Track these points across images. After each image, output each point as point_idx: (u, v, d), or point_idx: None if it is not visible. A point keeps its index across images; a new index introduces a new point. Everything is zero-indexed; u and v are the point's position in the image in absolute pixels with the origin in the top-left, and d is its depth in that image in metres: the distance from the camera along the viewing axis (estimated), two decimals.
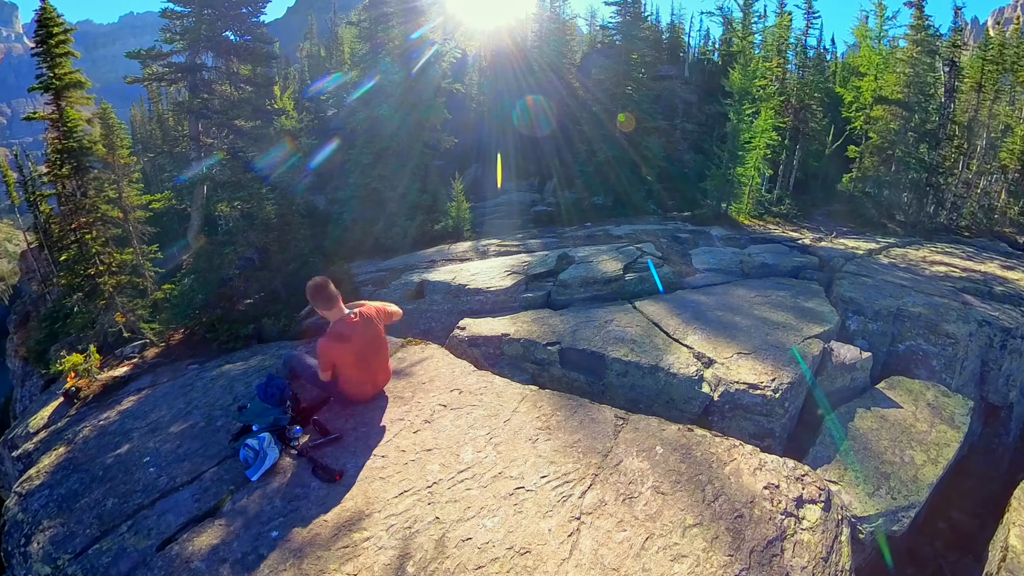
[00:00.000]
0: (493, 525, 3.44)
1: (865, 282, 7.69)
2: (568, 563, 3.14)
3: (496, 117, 25.60)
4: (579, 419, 4.38)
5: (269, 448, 4.22)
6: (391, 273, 9.42)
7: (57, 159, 10.18)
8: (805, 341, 5.63)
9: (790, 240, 10.80)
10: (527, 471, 3.84)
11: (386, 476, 3.97)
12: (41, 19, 9.95)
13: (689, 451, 3.97)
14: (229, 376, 6.36)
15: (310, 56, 43.32)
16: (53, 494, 4.95)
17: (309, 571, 3.28)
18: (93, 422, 6.28)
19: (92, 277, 10.06)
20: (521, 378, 5.42)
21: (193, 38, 10.85)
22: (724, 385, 4.92)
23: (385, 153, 13.84)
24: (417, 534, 3.45)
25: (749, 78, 13.84)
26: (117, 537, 3.98)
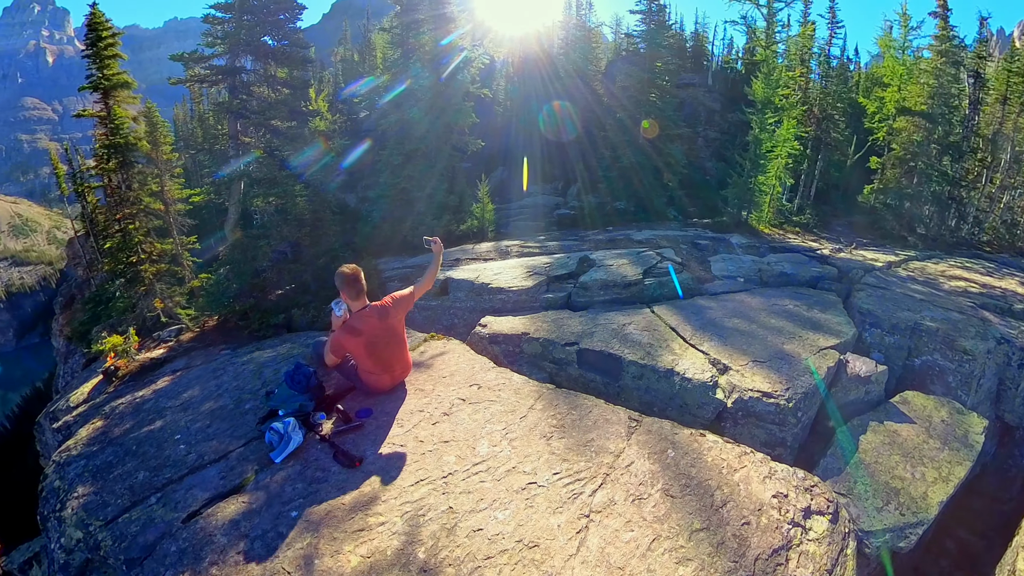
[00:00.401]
0: (504, 518, 3.44)
1: (883, 295, 7.48)
2: (575, 559, 3.13)
3: (522, 121, 25.61)
4: (593, 419, 4.36)
5: (294, 432, 4.29)
6: (417, 270, 9.49)
7: (104, 154, 10.45)
8: (821, 352, 5.50)
9: (809, 250, 10.56)
10: (540, 467, 3.84)
11: (404, 465, 4.00)
12: (91, 23, 10.28)
13: (700, 456, 3.92)
14: (259, 362, 6.47)
15: (344, 60, 43.91)
16: (89, 464, 5.08)
17: (325, 551, 3.33)
18: (129, 399, 6.44)
19: (134, 264, 10.32)
20: (539, 376, 5.40)
21: (233, 42, 11.16)
22: (738, 392, 4.84)
23: (415, 154, 13.97)
24: (430, 522, 3.47)
25: (772, 87, 13.62)
26: (146, 508, 4.09)
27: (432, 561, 3.19)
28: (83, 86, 10.50)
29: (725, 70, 30.12)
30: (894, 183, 16.14)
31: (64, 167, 27.95)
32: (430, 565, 3.17)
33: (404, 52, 15.51)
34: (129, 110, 10.87)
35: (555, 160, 23.45)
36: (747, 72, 23.42)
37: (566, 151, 22.89)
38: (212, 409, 5.46)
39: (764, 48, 14.08)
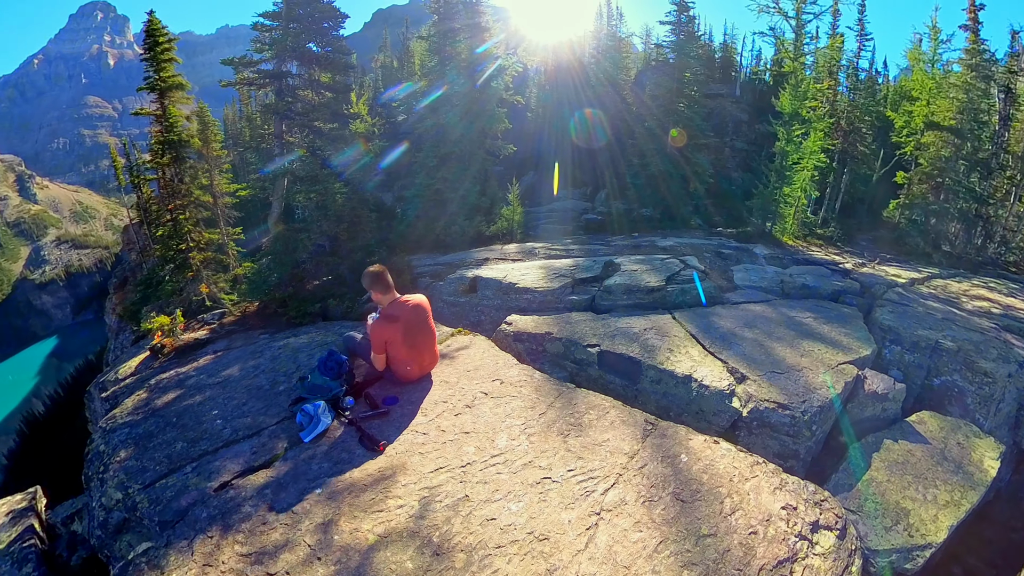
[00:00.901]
0: (517, 509, 3.45)
1: (905, 312, 7.17)
2: (583, 554, 3.11)
3: (553, 128, 25.56)
4: (610, 420, 4.32)
5: (323, 415, 4.39)
6: (447, 268, 9.55)
7: (159, 149, 10.82)
8: (839, 366, 5.31)
9: (832, 263, 10.17)
10: (555, 463, 3.82)
11: (425, 452, 4.04)
12: (149, 30, 10.68)
13: (713, 463, 3.85)
14: (294, 347, 6.61)
15: (383, 66, 44.55)
16: (132, 432, 5.26)
17: (344, 526, 3.40)
18: (172, 375, 6.64)
19: (183, 252, 10.68)
20: (560, 375, 5.38)
21: (280, 48, 11.45)
22: (754, 402, 4.72)
23: (449, 157, 14.09)
24: (446, 508, 3.50)
25: (799, 99, 13.21)
26: (182, 476, 4.22)
27: (445, 545, 3.22)
28: (141, 87, 10.91)
29: (753, 81, 29.43)
30: (920, 199, 15.44)
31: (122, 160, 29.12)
32: (443, 548, 3.20)
33: (441, 59, 15.64)
34: (182, 109, 11.24)
35: (584, 166, 23.34)
36: (775, 84, 22.80)
37: (595, 157, 22.76)
38: (248, 388, 5.59)
39: (792, 60, 13.58)
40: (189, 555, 3.40)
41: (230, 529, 3.52)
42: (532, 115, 27.45)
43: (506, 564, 3.08)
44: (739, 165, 23.14)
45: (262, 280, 9.77)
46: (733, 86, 28.73)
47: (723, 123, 24.75)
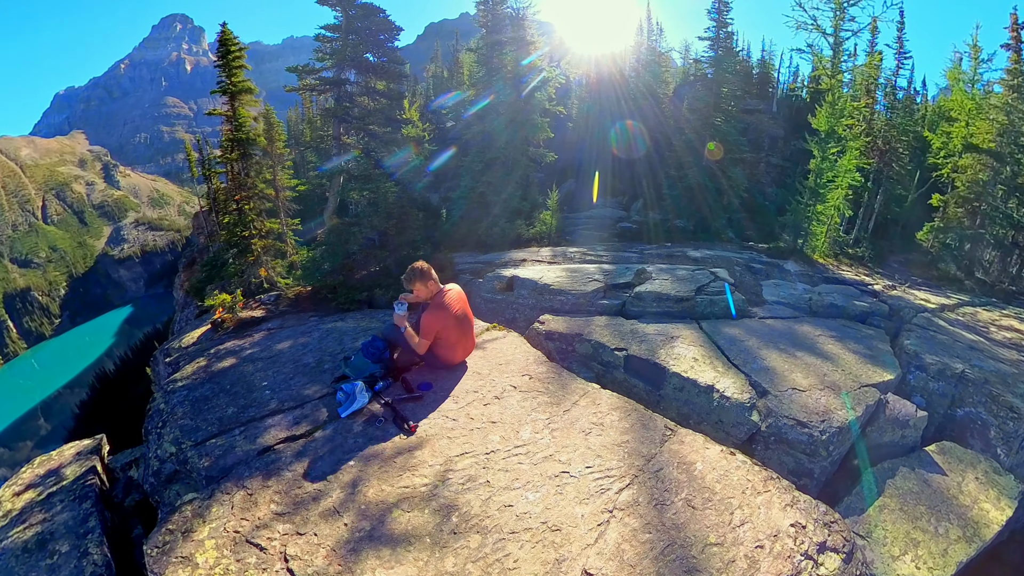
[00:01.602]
0: (534, 499, 3.44)
1: (932, 338, 6.68)
2: (591, 549, 3.09)
3: (593, 138, 25.37)
4: (631, 422, 4.25)
5: (360, 394, 4.49)
6: (487, 266, 9.58)
7: (229, 146, 11.28)
8: (861, 388, 5.02)
9: (862, 284, 9.60)
10: (575, 459, 3.79)
11: (453, 437, 4.07)
12: (222, 39, 11.11)
13: (727, 474, 3.72)
14: (341, 331, 6.77)
15: (435, 76, 45.23)
16: (189, 395, 5.52)
17: (372, 499, 3.48)
18: (229, 347, 6.92)
19: (246, 238, 11.05)
20: (586, 375, 5.31)
21: (340, 58, 11.80)
22: (773, 417, 4.53)
23: (494, 163, 14.21)
24: (468, 491, 3.52)
25: (836, 117, 12.57)
26: (230, 437, 4.41)
27: (463, 525, 3.25)
28: (214, 90, 11.36)
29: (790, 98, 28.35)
30: (955, 223, 14.39)
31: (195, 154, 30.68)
32: (460, 528, 3.23)
33: (488, 70, 15.74)
34: (250, 111, 11.67)
35: (622, 175, 23.09)
36: (812, 100, 21.86)
37: (633, 168, 22.48)
38: (296, 364, 5.78)
39: (829, 77, 12.93)
40: (229, 508, 3.57)
41: (268, 488, 3.67)
42: (573, 125, 27.28)
43: (518, 549, 3.09)
44: (774, 180, 22.38)
45: (315, 267, 10.05)
46: (770, 102, 27.80)
47: (759, 138, 23.99)
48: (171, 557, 3.30)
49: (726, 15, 19.23)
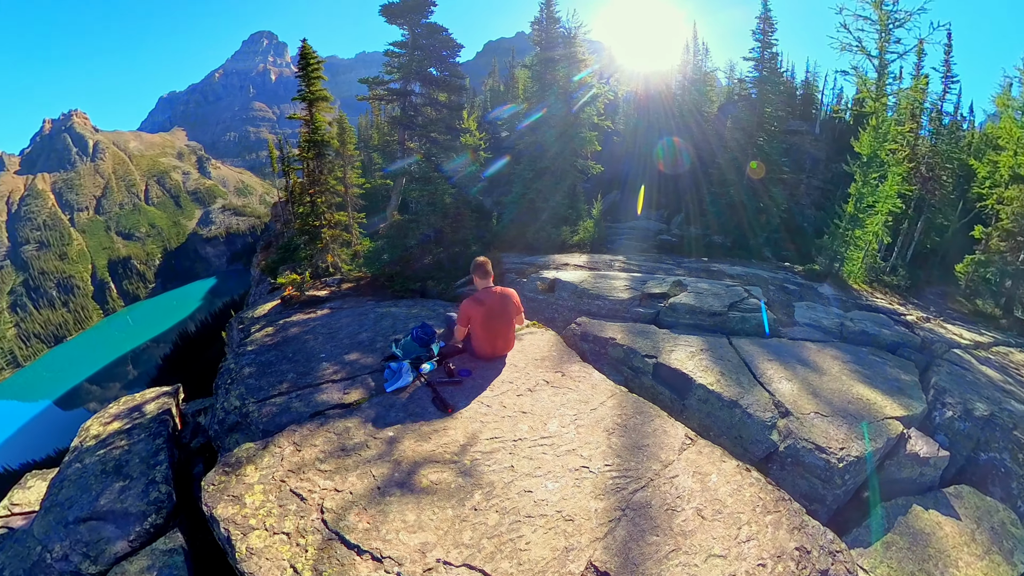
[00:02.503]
0: (553, 488, 3.43)
1: (963, 376, 6.03)
2: (600, 542, 3.05)
3: (639, 152, 24.90)
4: (653, 427, 4.15)
5: (405, 373, 4.63)
6: (532, 267, 9.55)
7: (306, 146, 11.76)
8: (885, 420, 4.63)
9: (895, 313, 8.80)
10: (595, 456, 3.75)
11: (485, 422, 4.11)
12: (302, 53, 11.58)
13: (740, 489, 3.55)
14: (394, 315, 6.97)
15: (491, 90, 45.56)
16: (256, 359, 5.83)
17: (405, 468, 3.59)
18: (295, 320, 7.25)
19: (316, 227, 11.52)
20: (615, 378, 5.22)
21: (406, 71, 12.15)
22: (793, 439, 4.25)
23: (544, 172, 14.22)
24: (492, 472, 3.55)
25: (879, 141, 11.56)
26: (287, 399, 4.65)
27: (484, 504, 3.28)
28: (295, 97, 11.81)
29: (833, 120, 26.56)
30: (997, 257, 12.92)
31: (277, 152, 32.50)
32: (481, 506, 3.27)
33: (541, 85, 15.73)
34: (326, 117, 12.13)
35: (664, 190, 22.56)
36: (855, 123, 20.42)
37: (675, 183, 21.93)
38: (352, 340, 5.99)
39: (873, 100, 11.74)
40: (279, 459, 3.79)
41: (314, 447, 3.86)
42: (619, 139, 26.83)
43: (531, 532, 3.09)
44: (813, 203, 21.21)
45: (376, 257, 10.40)
46: (813, 123, 26.33)
47: (801, 159, 22.77)
48: (224, 495, 3.52)
49: (771, 36, 18.50)
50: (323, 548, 3.08)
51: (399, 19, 11.98)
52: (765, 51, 18.48)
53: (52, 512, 4.78)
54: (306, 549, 3.10)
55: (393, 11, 11.84)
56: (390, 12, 11.87)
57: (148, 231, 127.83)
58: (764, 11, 18.44)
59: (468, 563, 2.93)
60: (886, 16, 11.15)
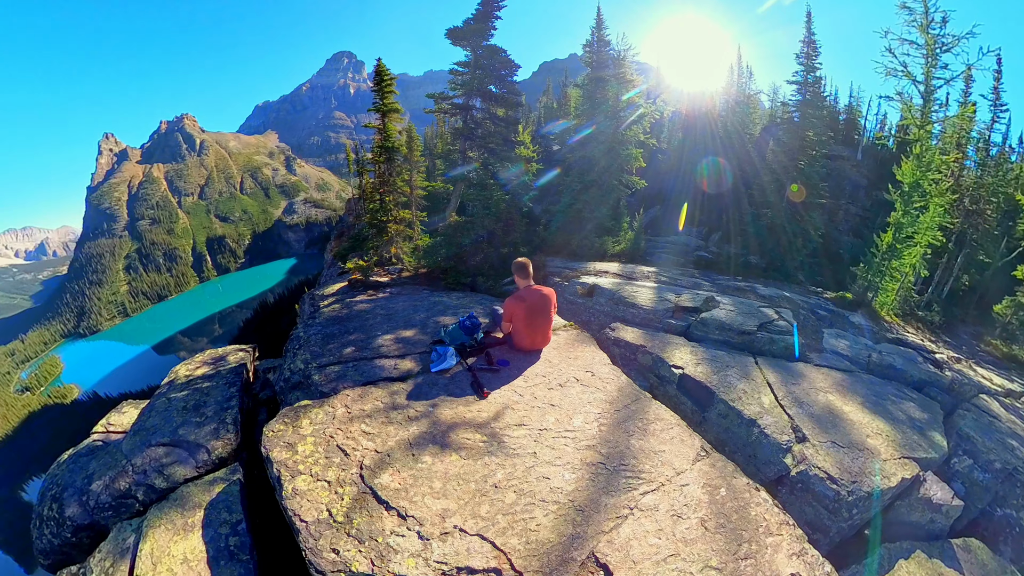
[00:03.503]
0: (569, 479, 3.41)
1: (990, 425, 5.45)
2: (604, 536, 3.00)
3: (681, 170, 24.10)
4: (672, 435, 3.99)
5: (449, 357, 4.72)
6: (574, 273, 9.47)
7: (378, 151, 12.04)
8: (902, 459, 4.20)
9: (925, 350, 7.91)
10: (613, 454, 3.68)
11: (516, 409, 4.12)
12: (377, 71, 11.81)
13: (746, 507, 3.36)
14: (445, 304, 7.12)
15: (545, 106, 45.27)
16: (321, 331, 6.10)
17: (438, 441, 3.69)
18: (358, 301, 7.57)
19: (384, 222, 11.81)
20: (642, 384, 5.11)
21: (468, 88, 12.34)
22: (806, 465, 3.95)
23: (591, 185, 14.06)
24: (516, 456, 3.56)
25: (922, 170, 10.35)
26: (344, 367, 4.87)
27: (504, 483, 3.31)
28: (370, 108, 12.08)
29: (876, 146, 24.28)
30: None
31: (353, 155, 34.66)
32: (502, 485, 3.30)
33: (592, 104, 15.50)
34: (396, 126, 12.35)
35: (704, 207, 21.68)
36: (898, 150, 18.44)
37: (714, 201, 21.04)
38: (406, 323, 6.18)
39: (918, 127, 10.50)
40: (331, 418, 4.00)
41: (363, 412, 4.05)
42: (663, 156, 26.00)
43: (543, 516, 3.08)
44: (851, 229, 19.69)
45: (434, 252, 10.55)
46: (855, 149, 24.31)
47: (841, 185, 21.10)
48: (280, 441, 3.76)
49: (814, 60, 17.26)
50: (357, 499, 3.21)
51: (463, 41, 12.18)
52: (808, 75, 17.26)
53: (139, 435, 5.30)
54: (342, 497, 3.23)
55: (457, 34, 12.07)
56: (455, 35, 12.11)
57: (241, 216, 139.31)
58: (808, 35, 17.18)
59: (481, 533, 2.96)
60: (933, 40, 10.01)
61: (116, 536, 4.07)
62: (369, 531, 2.99)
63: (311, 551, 2.92)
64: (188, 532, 3.92)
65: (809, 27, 17.20)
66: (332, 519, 3.09)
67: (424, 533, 2.96)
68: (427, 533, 2.96)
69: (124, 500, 4.51)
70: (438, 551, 2.86)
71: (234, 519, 3.99)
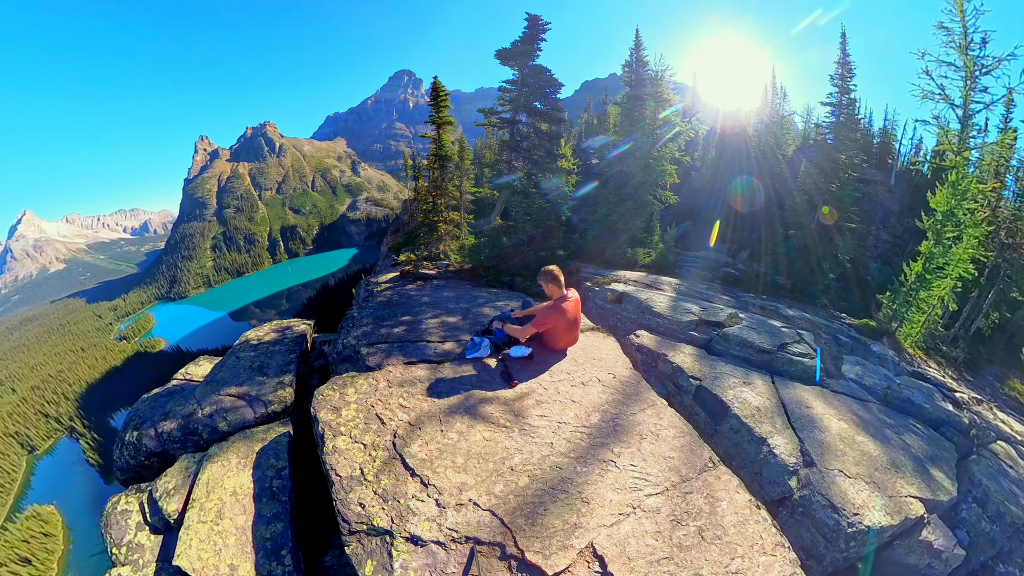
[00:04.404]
0: (581, 471, 3.36)
1: (1005, 474, 4.81)
2: (604, 529, 2.95)
3: (714, 187, 23.07)
4: (682, 444, 3.84)
5: (484, 347, 4.74)
6: (605, 280, 9.30)
7: (433, 159, 12.21)
8: (907, 498, 3.79)
9: (946, 387, 7.04)
10: (624, 454, 3.61)
11: (539, 401, 4.10)
12: (434, 87, 11.95)
13: (745, 522, 3.18)
14: (484, 298, 7.19)
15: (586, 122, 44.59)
16: (373, 312, 6.32)
17: (465, 421, 3.76)
18: (408, 290, 7.77)
19: (435, 222, 12.04)
20: (659, 391, 4.94)
21: (515, 104, 12.40)
22: (810, 490, 3.66)
23: (627, 198, 13.76)
24: (534, 444, 3.56)
25: (957, 198, 9.06)
26: (389, 346, 5.04)
27: (520, 467, 3.33)
28: (427, 120, 12.25)
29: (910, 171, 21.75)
30: None
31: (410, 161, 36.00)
32: (517, 468, 3.32)
33: (630, 121, 15.10)
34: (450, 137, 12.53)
35: (733, 225, 20.54)
36: (933, 177, 16.65)
37: (745, 220, 19.90)
38: (448, 312, 6.28)
39: (954, 153, 9.18)
40: (374, 389, 4.15)
41: (402, 387, 4.18)
42: (697, 173, 24.95)
43: (551, 502, 3.07)
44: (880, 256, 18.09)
45: (478, 252, 10.65)
46: (888, 174, 22.15)
47: (872, 210, 19.34)
48: (327, 404, 3.95)
49: (849, 81, 15.74)
50: (387, 463, 3.33)
51: (511, 61, 12.27)
52: (843, 96, 15.77)
53: (210, 384, 5.73)
54: (375, 460, 3.36)
55: (506, 55, 12.19)
56: (504, 55, 12.23)
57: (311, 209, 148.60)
58: (842, 56, 15.66)
59: (492, 510, 2.99)
60: (972, 62, 8.84)
61: (180, 465, 4.47)
62: (394, 492, 3.10)
63: (341, 502, 3.06)
64: (240, 470, 4.22)
65: (844, 48, 15.72)
66: (363, 477, 3.22)
67: (441, 501, 3.02)
68: (444, 502, 3.02)
69: (191, 436, 4.93)
70: (452, 519, 2.92)
71: (280, 465, 4.27)
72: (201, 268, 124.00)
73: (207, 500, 3.95)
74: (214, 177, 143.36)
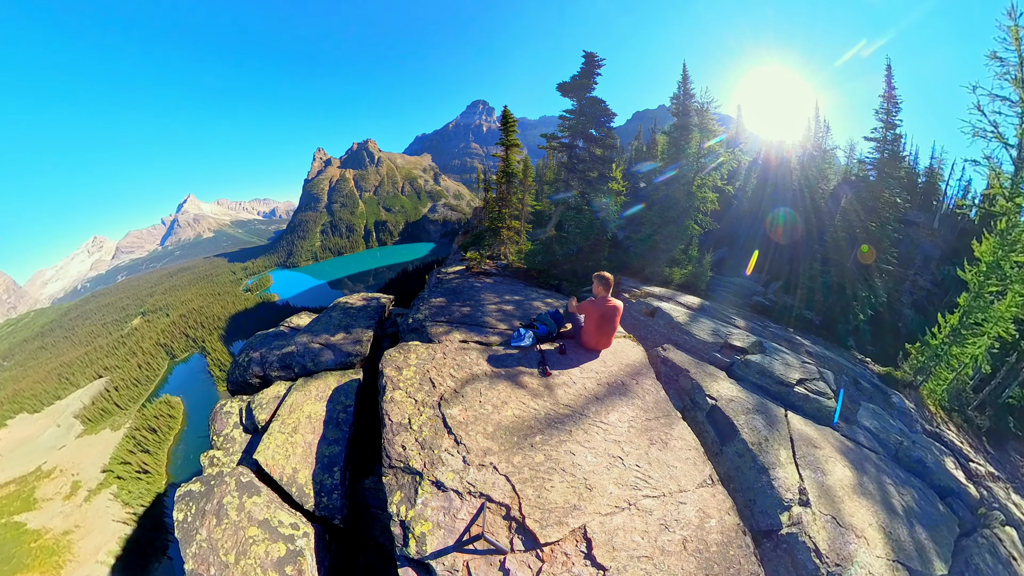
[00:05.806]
0: (590, 460, 3.31)
1: (1008, 563, 3.88)
2: (600, 517, 2.90)
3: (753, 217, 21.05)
4: (687, 456, 3.63)
5: (527, 338, 4.75)
6: (643, 294, 8.91)
7: (500, 175, 12.49)
8: (894, 563, 3.23)
9: (962, 454, 5.72)
10: (632, 453, 3.48)
11: (567, 391, 4.05)
12: (504, 115, 12.06)
13: (728, 544, 2.92)
14: (535, 296, 7.18)
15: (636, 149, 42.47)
16: (440, 296, 6.50)
17: (502, 397, 3.81)
18: (471, 281, 7.96)
19: (499, 227, 12.31)
20: (676, 403, 4.62)
21: (574, 131, 12.22)
22: (798, 529, 3.24)
23: (670, 221, 13.03)
24: (554, 429, 3.55)
25: (1005, 248, 7.04)
26: (451, 325, 5.16)
27: (539, 445, 3.34)
28: (497, 142, 12.46)
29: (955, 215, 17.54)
30: None
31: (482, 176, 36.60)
32: (536, 445, 3.34)
33: (676, 149, 14.10)
34: (516, 157, 12.66)
35: (768, 255, 18.59)
36: (980, 223, 13.48)
37: (781, 251, 17.85)
38: (502, 303, 6.29)
39: (1006, 199, 7.03)
40: (431, 358, 4.30)
41: (455, 360, 4.30)
42: (736, 202, 22.89)
43: (559, 482, 3.06)
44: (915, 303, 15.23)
45: (533, 257, 10.68)
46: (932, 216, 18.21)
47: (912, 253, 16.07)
48: (393, 363, 4.16)
49: (894, 116, 13.06)
50: (431, 418, 3.49)
51: (570, 93, 12.19)
52: (887, 132, 13.04)
53: (307, 333, 6.27)
54: (422, 413, 3.53)
55: (566, 87, 12.18)
56: (564, 88, 12.22)
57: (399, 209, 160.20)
58: (888, 89, 12.88)
59: (508, 476, 3.04)
60: None
61: (275, 387, 5.05)
62: (431, 443, 3.26)
63: (388, 441, 3.28)
64: (317, 400, 4.68)
65: (889, 80, 12.94)
66: (409, 425, 3.41)
67: (468, 459, 3.13)
68: (469, 460, 3.13)
69: (286, 368, 5.50)
70: (472, 475, 3.03)
71: (347, 402, 4.67)
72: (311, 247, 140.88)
73: (288, 417, 4.43)
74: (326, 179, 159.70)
